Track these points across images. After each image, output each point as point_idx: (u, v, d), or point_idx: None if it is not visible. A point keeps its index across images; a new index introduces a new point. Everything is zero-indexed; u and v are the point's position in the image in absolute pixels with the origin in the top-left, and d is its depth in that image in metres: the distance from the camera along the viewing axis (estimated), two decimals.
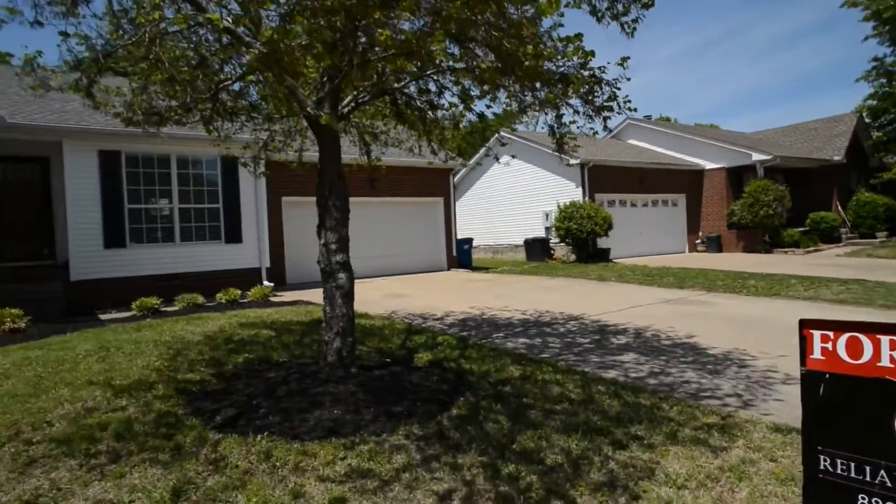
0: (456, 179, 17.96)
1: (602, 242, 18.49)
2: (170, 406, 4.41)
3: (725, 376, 5.16)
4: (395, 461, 3.38)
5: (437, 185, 16.63)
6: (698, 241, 22.12)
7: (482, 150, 19.79)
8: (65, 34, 4.31)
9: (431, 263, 16.66)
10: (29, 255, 11.64)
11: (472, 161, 17.06)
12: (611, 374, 5.32)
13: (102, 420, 4.12)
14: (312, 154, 7.49)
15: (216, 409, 4.34)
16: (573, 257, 18.48)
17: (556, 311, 8.98)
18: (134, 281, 10.70)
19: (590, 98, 5.90)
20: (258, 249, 12.16)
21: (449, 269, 16.72)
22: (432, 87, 6.76)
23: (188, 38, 5.03)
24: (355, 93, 5.51)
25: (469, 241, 17.58)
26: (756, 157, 20.30)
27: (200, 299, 9.73)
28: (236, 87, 5.81)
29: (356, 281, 5.14)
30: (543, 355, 6.13)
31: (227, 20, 4.18)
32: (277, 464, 3.36)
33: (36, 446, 3.71)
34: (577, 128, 6.53)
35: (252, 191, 12.12)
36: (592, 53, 5.21)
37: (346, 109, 5.10)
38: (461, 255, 17.14)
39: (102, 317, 9.24)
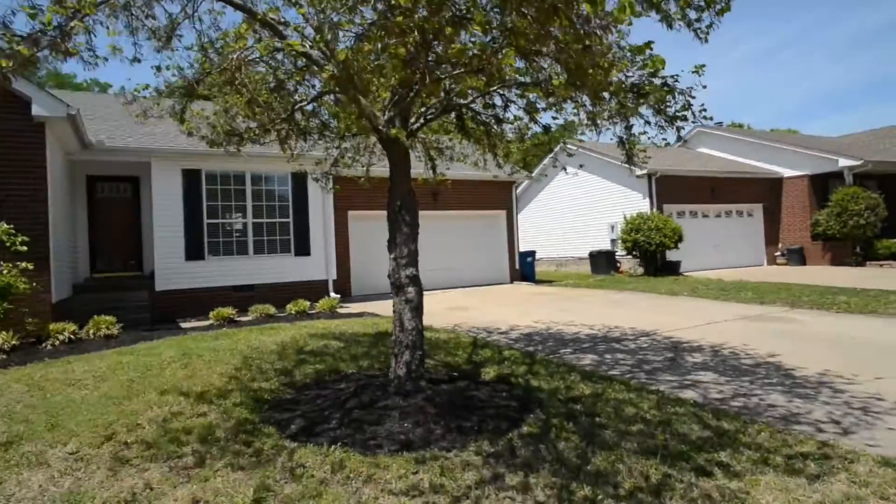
0: (518, 191, 17.84)
1: (672, 255, 17.79)
2: (247, 413, 4.59)
3: (818, 400, 4.79)
4: (467, 478, 3.35)
5: (499, 197, 16.60)
6: (778, 253, 20.83)
7: (546, 160, 19.61)
8: (158, 68, 4.66)
9: (494, 276, 16.60)
10: (120, 266, 12.56)
11: (535, 172, 16.92)
12: (688, 394, 5.07)
13: (187, 424, 4.34)
14: (379, 169, 7.68)
15: (290, 418, 4.48)
16: (641, 270, 17.88)
17: (625, 327, 8.70)
18: (211, 291, 11.31)
19: (662, 108, 5.72)
20: (325, 262, 12.56)
21: (512, 283, 16.59)
22: (497, 101, 6.78)
23: (267, 64, 5.30)
24: (423, 109, 5.61)
25: (532, 253, 17.39)
26: (844, 162, 18.91)
27: (272, 310, 10.14)
28: (309, 107, 6.06)
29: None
30: (614, 372, 5.94)
31: (303, 45, 4.37)
32: (351, 475, 3.41)
33: (130, 447, 3.95)
34: (648, 138, 6.35)
35: (320, 205, 12.56)
36: (663, 63, 5.04)
37: (414, 126, 5.19)
38: (524, 268, 16.97)
39: (183, 325, 9.78)
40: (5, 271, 7.78)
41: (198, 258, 11.34)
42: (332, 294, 12.27)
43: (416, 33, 3.06)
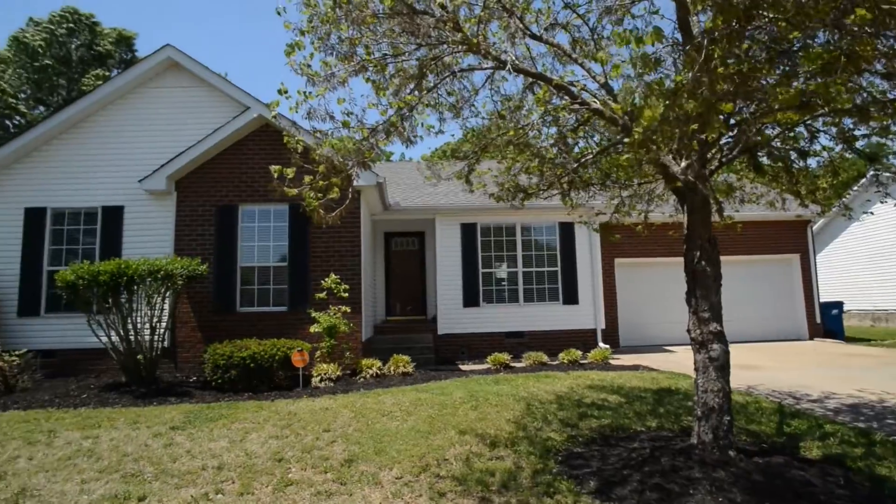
0: (813, 230, 15.12)
1: None
2: (540, 463, 4.67)
3: None
4: None
5: (789, 239, 14.29)
6: None
7: (853, 191, 16.25)
8: (463, 140, 5.31)
9: (785, 330, 14.16)
10: (409, 311, 14.45)
11: (848, 200, 14.07)
12: None
13: (488, 466, 4.61)
14: (653, 215, 7.34)
15: (585, 473, 4.40)
16: None
17: None
18: (485, 336, 12.15)
19: None
20: (593, 311, 12.40)
21: (811, 339, 13.89)
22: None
23: (553, 122, 5.60)
24: (713, 151, 5.21)
25: (839, 304, 14.34)
26: None
27: (544, 358, 10.32)
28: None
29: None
30: None
31: (595, 101, 4.50)
32: None
33: (443, 480, 4.37)
34: None
35: (587, 253, 12.57)
36: None
37: (709, 170, 4.84)
38: (828, 322, 14.09)
39: (462, 367, 10.62)
40: (332, 313, 9.62)
41: (474, 305, 12.35)
42: (602, 344, 12.00)
43: (735, 81, 2.87)
